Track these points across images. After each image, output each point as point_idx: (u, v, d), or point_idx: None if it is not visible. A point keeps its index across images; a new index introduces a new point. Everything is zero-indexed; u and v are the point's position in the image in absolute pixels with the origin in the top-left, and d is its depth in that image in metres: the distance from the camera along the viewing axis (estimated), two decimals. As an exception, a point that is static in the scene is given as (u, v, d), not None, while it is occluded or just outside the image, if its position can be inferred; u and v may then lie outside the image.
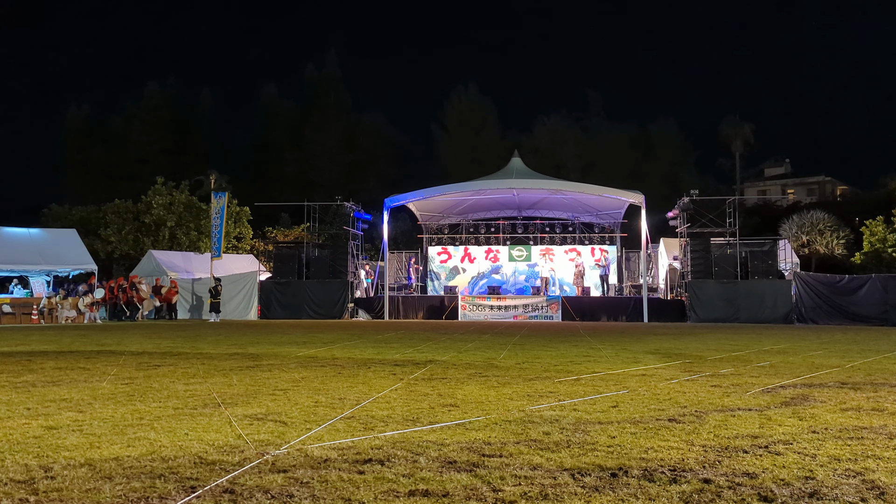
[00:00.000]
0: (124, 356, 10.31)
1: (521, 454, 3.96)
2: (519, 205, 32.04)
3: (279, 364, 9.08)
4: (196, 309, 28.79)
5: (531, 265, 31.59)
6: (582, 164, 54.66)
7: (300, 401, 5.90)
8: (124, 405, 5.65)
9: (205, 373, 8.05)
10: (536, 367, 8.73)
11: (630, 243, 31.52)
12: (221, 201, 29.97)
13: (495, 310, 26.95)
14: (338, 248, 28.57)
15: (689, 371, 8.34)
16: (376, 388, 6.65)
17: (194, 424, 4.82)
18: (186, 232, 37.30)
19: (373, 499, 3.12)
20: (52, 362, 9.33)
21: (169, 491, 3.21)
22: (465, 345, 12.73)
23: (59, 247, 28.03)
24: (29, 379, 7.43)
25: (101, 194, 48.05)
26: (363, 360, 9.73)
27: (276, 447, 4.10)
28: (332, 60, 64.69)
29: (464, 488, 3.28)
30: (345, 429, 4.69)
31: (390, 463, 3.74)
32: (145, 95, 62.00)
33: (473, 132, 59.20)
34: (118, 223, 37.05)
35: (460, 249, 32.39)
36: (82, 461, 3.74)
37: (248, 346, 12.51)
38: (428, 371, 8.23)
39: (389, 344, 12.99)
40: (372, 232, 32.71)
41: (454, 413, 5.33)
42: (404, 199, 29.49)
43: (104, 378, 7.50)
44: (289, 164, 60.63)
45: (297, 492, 3.20)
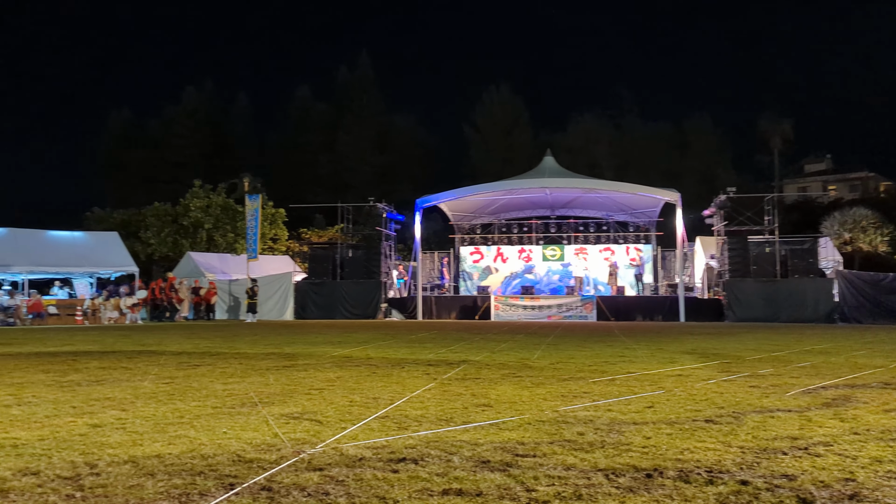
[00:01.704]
0: (165, 356, 10.52)
1: (554, 454, 3.95)
2: (552, 204, 31.88)
3: (314, 364, 9.18)
4: (233, 309, 29.24)
5: (565, 265, 31.41)
6: (616, 162, 54.15)
7: (335, 400, 5.96)
8: (165, 404, 5.77)
9: (242, 372, 8.18)
10: (570, 368, 8.69)
11: (666, 242, 31.16)
12: (255, 203, 30.38)
13: (529, 310, 26.85)
14: (371, 249, 28.75)
15: (726, 371, 8.23)
16: (410, 388, 6.69)
17: (233, 423, 4.90)
18: (223, 234, 37.90)
19: (407, 497, 3.15)
20: (96, 362, 9.57)
21: (209, 488, 3.28)
22: (499, 345, 12.72)
23: (102, 249, 28.72)
24: (74, 378, 7.63)
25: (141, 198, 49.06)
26: (397, 359, 9.78)
27: (311, 446, 4.16)
28: (364, 62, 65.12)
29: (497, 488, 3.29)
30: (379, 428, 4.73)
31: (424, 462, 3.76)
32: (183, 100, 63.14)
33: (505, 132, 59.04)
34: (158, 226, 37.81)
35: (493, 249, 32.35)
36: (126, 458, 3.84)
37: (284, 346, 12.66)
38: (461, 371, 8.25)
39: (423, 344, 13.04)
40: (404, 232, 32.85)
41: (488, 413, 5.34)
42: (436, 200, 29.55)
43: (146, 377, 7.67)
44: (322, 165, 61.18)
45: (332, 490, 3.25)
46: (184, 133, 61.19)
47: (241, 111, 67.12)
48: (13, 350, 12.02)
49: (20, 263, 26.22)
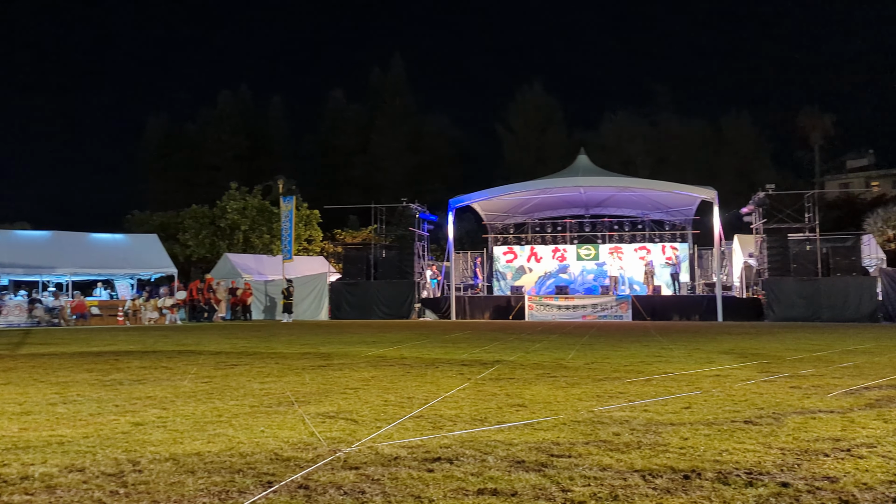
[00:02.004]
0: (203, 356, 10.70)
1: (590, 455, 3.93)
2: (586, 203, 31.65)
3: (349, 363, 9.26)
4: (269, 310, 29.61)
5: (599, 264, 31.17)
6: (651, 160, 53.54)
7: (370, 399, 6.01)
8: (204, 403, 5.87)
9: (279, 372, 8.29)
10: (606, 368, 8.62)
11: (702, 240, 30.72)
12: (290, 205, 30.72)
13: (563, 309, 26.70)
14: (404, 249, 28.86)
15: (766, 372, 8.09)
16: (444, 388, 6.71)
17: (270, 422, 4.97)
18: (259, 235, 38.43)
19: (442, 497, 3.16)
20: (137, 362, 9.77)
21: (247, 485, 3.33)
22: (533, 345, 12.68)
23: (142, 251, 29.33)
24: (117, 377, 7.80)
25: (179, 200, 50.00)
26: (431, 359, 9.81)
27: (347, 445, 4.20)
28: (396, 63, 65.44)
29: (532, 488, 3.29)
30: (414, 427, 4.75)
31: (459, 462, 3.78)
32: (219, 104, 64.11)
33: (538, 131, 58.78)
34: (195, 228, 38.48)
35: (526, 249, 32.23)
36: (167, 456, 3.92)
37: (320, 345, 12.79)
38: (495, 371, 8.24)
39: (457, 344, 13.06)
40: (437, 232, 32.93)
41: (522, 413, 5.33)
42: (469, 200, 29.53)
43: (185, 377, 7.81)
44: (356, 167, 61.65)
45: (368, 488, 3.28)
46: (220, 136, 62.17)
47: (276, 114, 67.94)
48: (58, 350, 12.35)
49: (64, 265, 26.91)
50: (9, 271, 26.04)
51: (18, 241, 27.67)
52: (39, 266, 26.71)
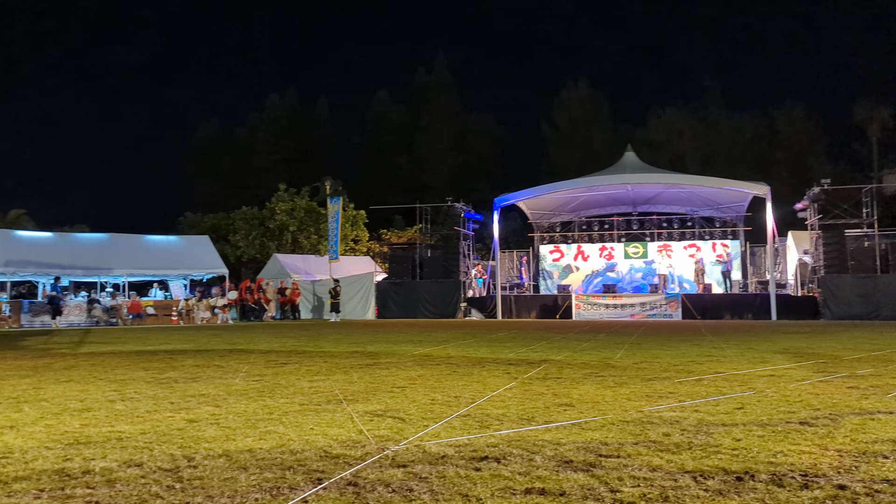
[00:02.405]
0: (254, 354, 10.91)
1: (639, 455, 3.89)
2: (633, 200, 31.23)
3: (396, 362, 9.33)
4: (317, 309, 30.02)
5: (648, 262, 30.72)
6: (700, 155, 52.48)
7: (417, 398, 6.04)
8: (255, 401, 5.99)
9: (327, 370, 8.40)
10: (655, 367, 8.50)
11: (755, 237, 30.00)
12: (337, 206, 31.08)
13: (611, 308, 26.41)
14: (450, 249, 28.91)
15: (822, 372, 7.86)
16: (491, 387, 6.71)
17: (319, 420, 5.05)
18: (307, 236, 39.00)
19: (490, 495, 3.17)
20: (191, 360, 10.02)
21: (298, 482, 3.39)
22: (580, 344, 12.57)
23: (194, 252, 30.06)
24: (171, 375, 8.02)
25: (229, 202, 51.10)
26: (477, 358, 9.82)
27: (395, 443, 4.23)
28: (440, 64, 65.58)
29: (581, 488, 3.27)
30: (461, 426, 4.77)
31: (506, 461, 3.77)
32: (267, 107, 65.23)
33: (584, 128, 58.18)
34: (245, 229, 39.27)
35: (573, 247, 31.97)
36: (220, 452, 4.01)
37: (367, 344, 12.91)
38: (542, 370, 8.20)
39: (503, 343, 13.03)
40: (483, 231, 32.88)
41: (570, 413, 5.29)
42: (514, 198, 29.44)
43: (237, 375, 7.98)
44: (401, 167, 62.02)
45: (416, 486, 3.30)
46: (268, 139, 63.27)
47: (322, 116, 68.80)
48: (116, 349, 12.74)
49: (120, 267, 27.76)
50: (69, 273, 26.97)
51: (78, 243, 28.65)
52: (97, 268, 27.60)
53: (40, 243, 27.63)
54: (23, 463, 3.78)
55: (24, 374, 8.36)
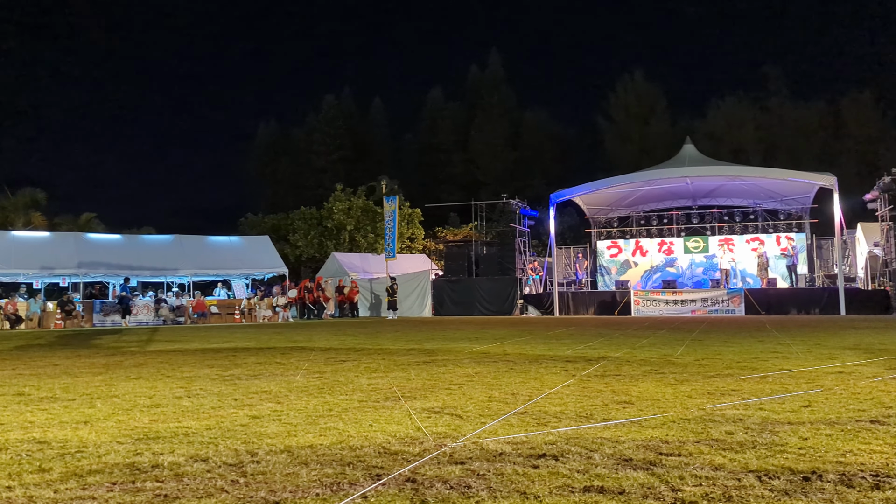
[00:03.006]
0: (314, 352, 11.11)
1: (701, 454, 3.81)
2: (693, 194, 30.55)
3: (453, 359, 9.36)
4: (375, 307, 30.36)
5: (709, 257, 30.02)
6: (763, 146, 50.93)
7: (474, 395, 6.06)
8: (315, 397, 6.10)
9: (385, 367, 8.49)
10: (717, 364, 8.31)
11: (822, 230, 28.98)
12: (393, 205, 31.36)
13: (671, 304, 25.90)
14: (505, 246, 28.83)
15: (894, 369, 7.55)
16: (548, 384, 6.67)
17: (377, 416, 5.11)
18: (364, 234, 39.48)
19: (548, 493, 3.15)
20: (253, 358, 10.27)
21: (357, 478, 3.44)
22: (640, 341, 12.38)
23: (256, 252, 30.80)
24: (235, 373, 8.23)
25: (289, 203, 52.16)
26: (534, 356, 9.77)
27: (452, 440, 4.25)
28: (494, 60, 65.39)
29: (640, 486, 3.22)
30: (518, 424, 4.76)
31: (564, 458, 3.75)
32: (323, 109, 66.24)
33: (641, 121, 57.17)
34: (304, 229, 40.01)
35: (631, 243, 31.48)
36: (282, 448, 4.10)
37: (424, 342, 12.99)
38: (601, 367, 8.11)
39: (560, 340, 12.93)
40: (538, 228, 32.66)
41: (629, 410, 5.22)
42: (570, 194, 29.16)
43: (297, 372, 8.14)
44: (455, 164, 62.13)
45: (474, 483, 3.31)
46: (325, 140, 64.26)
47: (377, 116, 69.46)
48: (182, 347, 13.16)
49: (186, 267, 28.64)
50: (137, 273, 27.97)
51: (145, 245, 29.69)
52: (164, 268, 28.55)
53: (110, 245, 28.73)
54: (96, 457, 3.94)
55: (97, 371, 8.71)
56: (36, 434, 4.61)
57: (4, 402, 6.14)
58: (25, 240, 27.93)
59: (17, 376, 8.24)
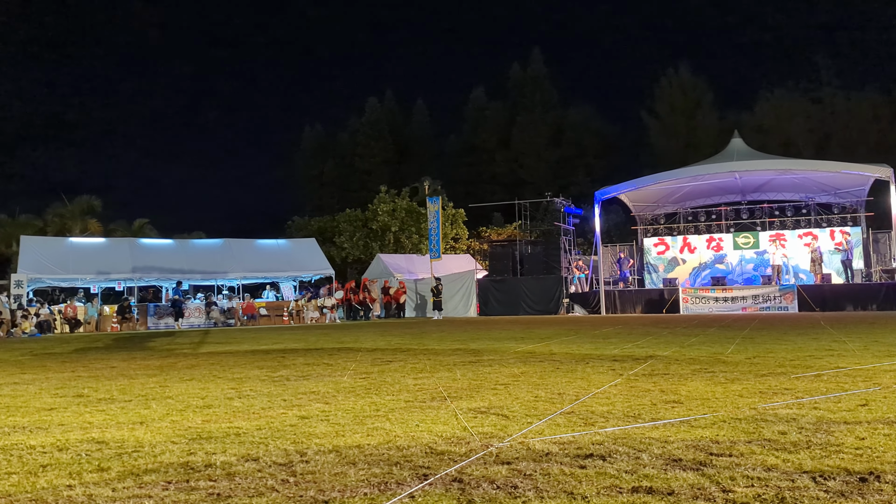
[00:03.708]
0: (361, 353, 11.22)
1: (753, 454, 3.74)
2: (742, 189, 29.88)
3: (499, 359, 9.35)
4: (420, 307, 30.48)
5: (759, 252, 29.34)
6: (815, 139, 49.47)
7: (520, 395, 6.04)
8: (363, 398, 6.17)
9: (431, 368, 8.53)
10: (770, 362, 8.12)
11: (878, 223, 28.04)
12: (436, 205, 31.44)
13: (721, 302, 25.39)
14: (550, 244, 28.66)
15: (958, 366, 7.28)
16: (595, 384, 6.62)
17: (424, 416, 5.14)
18: (409, 236, 39.69)
19: (595, 493, 3.14)
20: (302, 359, 10.43)
21: (404, 477, 3.47)
22: (689, 339, 12.18)
23: (302, 255, 31.26)
24: (284, 374, 8.38)
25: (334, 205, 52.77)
26: (581, 355, 9.70)
27: (499, 440, 4.26)
28: (536, 58, 65.01)
29: (690, 487, 3.18)
30: (565, 423, 4.73)
31: (612, 459, 3.72)
32: (366, 111, 66.78)
33: (687, 116, 56.07)
34: (350, 231, 40.41)
35: (678, 239, 30.97)
36: (330, 448, 4.17)
37: (469, 342, 13.01)
38: (649, 366, 8.01)
39: (607, 339, 12.80)
40: (583, 226, 32.35)
41: (678, 410, 5.15)
42: (615, 191, 28.83)
43: (345, 373, 8.24)
44: (498, 164, 61.97)
45: (520, 483, 3.31)
46: (369, 143, 64.79)
47: (420, 117, 69.72)
48: (233, 348, 13.43)
49: (235, 270, 29.22)
50: (188, 277, 28.64)
51: (196, 249, 30.39)
52: (214, 271, 29.17)
53: (162, 250, 29.49)
54: (152, 456, 4.06)
55: (152, 373, 8.96)
56: (95, 434, 4.77)
57: (65, 403, 6.36)
58: (82, 246, 28.86)
59: (76, 378, 8.53)
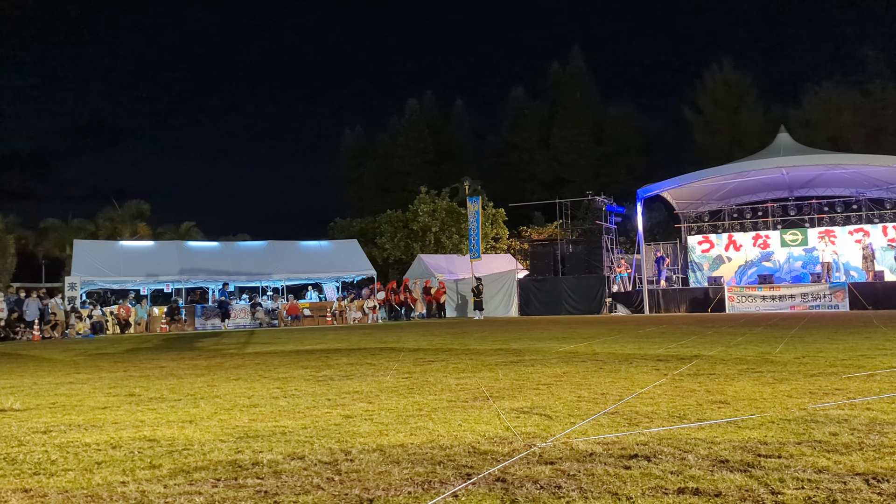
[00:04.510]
0: (403, 352, 11.29)
1: (802, 456, 3.66)
2: (789, 184, 29.22)
3: (541, 359, 9.31)
4: (461, 307, 30.51)
5: (808, 250, 28.63)
6: (864, 132, 48.02)
7: (563, 395, 6.01)
8: (405, 397, 6.21)
9: (473, 368, 8.53)
10: (820, 362, 7.93)
11: (934, 218, 27.14)
12: (476, 205, 31.44)
13: (768, 300, 24.85)
14: (591, 243, 28.41)
15: None
16: (639, 384, 6.54)
17: (466, 416, 5.15)
18: (449, 236, 39.76)
19: (640, 494, 3.11)
20: (345, 359, 10.54)
21: (448, 477, 3.49)
22: (735, 338, 11.95)
23: (345, 256, 31.58)
24: (328, 373, 8.48)
25: (375, 206, 53.14)
26: (624, 355, 9.60)
27: (542, 440, 4.24)
28: (576, 56, 64.50)
29: (738, 489, 3.13)
30: (608, 424, 4.70)
31: (657, 459, 3.68)
32: (406, 112, 67.11)
33: (731, 111, 54.98)
34: (391, 231, 40.67)
35: (723, 237, 30.41)
36: (374, 447, 4.21)
37: (511, 341, 12.97)
38: (694, 366, 7.89)
39: (651, 338, 12.64)
40: (626, 224, 32.02)
41: (724, 410, 5.06)
42: (658, 189, 28.45)
43: (387, 372, 8.30)
44: (538, 163, 61.64)
45: (564, 483, 3.30)
46: (408, 144, 65.10)
47: (459, 118, 69.78)
48: (278, 349, 13.63)
49: (279, 272, 29.65)
50: (234, 278, 29.17)
51: (241, 251, 30.94)
52: (259, 273, 29.66)
53: (209, 252, 30.10)
54: (201, 454, 4.16)
55: (200, 373, 9.16)
56: (146, 432, 4.90)
57: (118, 402, 6.55)
58: (132, 249, 29.63)
59: (128, 378, 8.77)
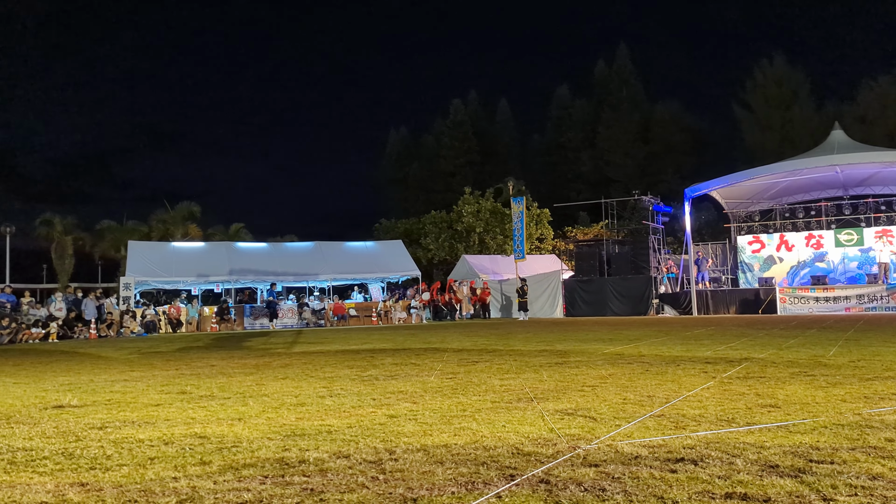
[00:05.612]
0: (447, 353, 11.33)
1: (856, 462, 3.56)
2: (844, 183, 28.35)
3: (586, 361, 9.24)
4: (506, 308, 30.43)
5: (864, 250, 27.74)
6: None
7: (608, 397, 5.96)
8: (449, 398, 6.23)
9: (517, 368, 8.52)
10: (876, 366, 7.69)
11: None
12: (520, 206, 31.32)
13: (821, 302, 24.16)
14: (638, 244, 28.05)
15: None
16: (686, 387, 6.45)
17: (510, 417, 5.15)
18: (493, 236, 39.69)
19: (686, 499, 3.07)
20: (390, 359, 10.62)
21: (491, 477, 3.50)
22: (786, 341, 11.66)
23: (390, 256, 31.83)
24: (373, 373, 8.56)
25: (419, 207, 53.40)
26: (671, 357, 9.46)
27: (586, 442, 4.22)
28: (622, 54, 63.73)
29: (788, 495, 3.07)
30: (655, 426, 4.64)
31: (704, 463, 3.63)
32: (451, 113, 67.25)
33: (782, 108, 53.56)
34: (435, 232, 40.80)
35: (775, 237, 29.67)
36: (418, 446, 4.24)
37: (556, 343, 12.90)
38: (743, 369, 7.73)
39: (699, 340, 12.42)
40: (673, 224, 31.48)
41: (774, 414, 4.96)
42: (707, 188, 27.92)
43: (432, 373, 8.34)
44: (584, 162, 61.09)
45: (609, 486, 3.28)
46: (453, 144, 65.22)
47: (504, 118, 69.63)
48: (324, 348, 13.82)
49: (325, 272, 30.04)
50: (282, 279, 29.65)
51: (288, 252, 31.45)
52: (306, 273, 30.10)
53: (257, 253, 30.66)
54: (249, 452, 4.25)
55: (248, 371, 9.34)
56: (197, 429, 5.02)
57: (170, 399, 6.73)
58: (183, 250, 30.36)
59: (179, 376, 9.00)
